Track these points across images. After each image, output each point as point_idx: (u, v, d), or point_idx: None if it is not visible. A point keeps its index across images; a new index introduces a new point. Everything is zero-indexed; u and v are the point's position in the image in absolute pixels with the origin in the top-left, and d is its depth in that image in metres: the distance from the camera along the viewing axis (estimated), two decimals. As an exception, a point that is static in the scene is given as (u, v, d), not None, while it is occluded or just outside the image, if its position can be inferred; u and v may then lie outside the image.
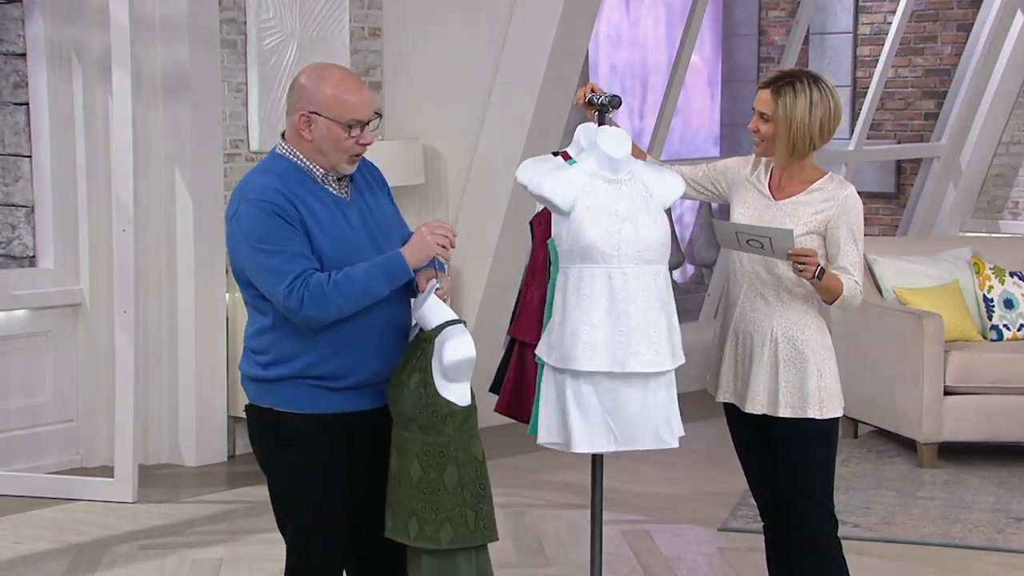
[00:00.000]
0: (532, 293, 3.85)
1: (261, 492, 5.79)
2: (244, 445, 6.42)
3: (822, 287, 3.69)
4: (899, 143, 10.04)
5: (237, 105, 6.34)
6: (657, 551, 5.12)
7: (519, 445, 5.66)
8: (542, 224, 3.83)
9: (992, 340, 6.68)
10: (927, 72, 10.02)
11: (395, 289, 3.31)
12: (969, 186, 9.56)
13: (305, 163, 3.31)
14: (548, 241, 3.69)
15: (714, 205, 9.65)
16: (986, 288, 6.77)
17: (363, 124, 3.28)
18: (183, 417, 6.23)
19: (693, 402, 3.98)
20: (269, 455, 3.39)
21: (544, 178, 3.63)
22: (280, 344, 3.29)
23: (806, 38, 10.26)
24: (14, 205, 6.20)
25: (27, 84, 6.07)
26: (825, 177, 3.80)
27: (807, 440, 3.77)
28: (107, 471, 5.87)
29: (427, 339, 3.27)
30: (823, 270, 3.65)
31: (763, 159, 3.87)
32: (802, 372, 3.75)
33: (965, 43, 9.51)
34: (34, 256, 6.17)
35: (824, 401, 3.76)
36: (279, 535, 3.41)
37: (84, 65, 6.03)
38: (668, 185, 3.70)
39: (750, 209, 3.83)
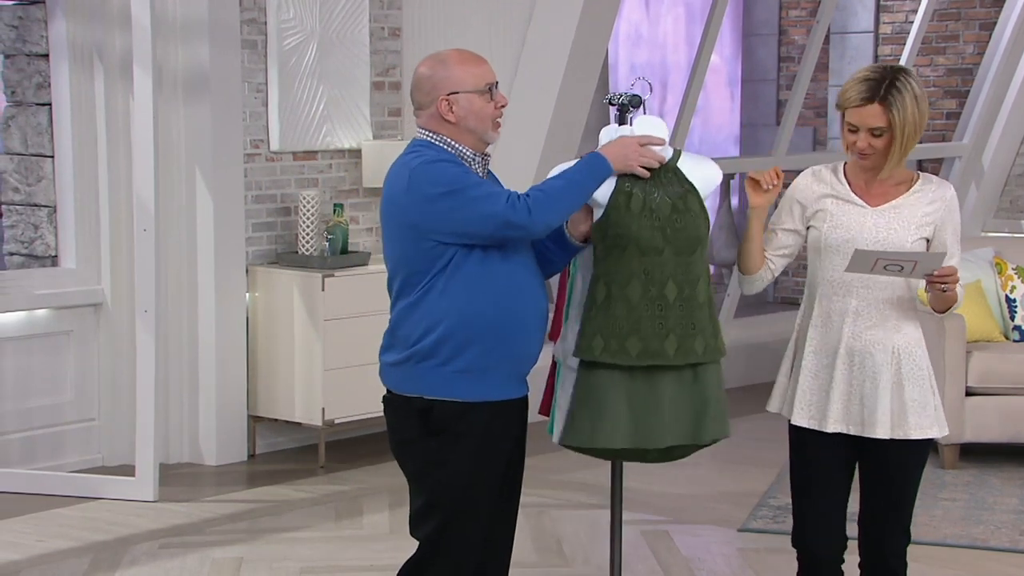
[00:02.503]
0: (564, 298, 3.85)
1: (281, 492, 5.84)
2: (264, 445, 6.44)
3: (948, 298, 3.51)
4: (920, 143, 9.98)
5: (257, 105, 6.35)
6: (676, 551, 5.12)
7: (537, 445, 5.63)
8: None
9: (1015, 341, 6.65)
10: (949, 71, 9.98)
11: (536, 276, 3.41)
12: (991, 186, 9.51)
13: (454, 146, 3.40)
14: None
15: (734, 203, 9.61)
16: (1008, 288, 6.74)
17: (495, 86, 3.41)
18: (203, 417, 6.25)
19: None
20: (412, 445, 3.37)
21: None
22: (429, 330, 3.30)
23: (827, 37, 10.22)
24: (36, 205, 6.23)
25: (50, 85, 6.10)
26: (921, 178, 3.56)
27: (916, 461, 3.59)
28: (128, 470, 5.88)
29: (671, 169, 3.53)
30: None
31: (823, 168, 3.64)
32: (924, 390, 3.53)
33: (987, 42, 9.46)
34: (56, 256, 6.19)
35: (943, 419, 3.58)
36: (299, 534, 3.42)
37: (106, 66, 6.05)
38: (705, 175, 3.66)
39: (843, 219, 3.54)
